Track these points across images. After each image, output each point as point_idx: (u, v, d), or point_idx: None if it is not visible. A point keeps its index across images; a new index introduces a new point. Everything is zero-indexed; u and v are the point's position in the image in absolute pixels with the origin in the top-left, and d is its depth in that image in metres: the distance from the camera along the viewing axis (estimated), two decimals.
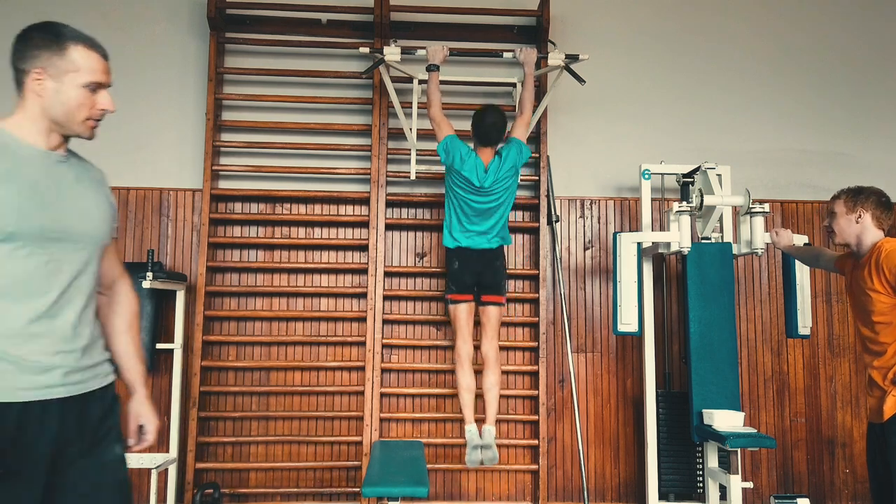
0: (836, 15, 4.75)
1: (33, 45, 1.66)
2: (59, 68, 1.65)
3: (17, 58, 1.65)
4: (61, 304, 1.63)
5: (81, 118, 1.68)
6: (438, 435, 4.27)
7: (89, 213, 1.71)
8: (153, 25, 4.48)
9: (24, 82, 1.64)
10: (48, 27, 1.70)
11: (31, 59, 1.64)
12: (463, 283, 3.67)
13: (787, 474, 4.37)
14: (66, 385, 1.63)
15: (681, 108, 4.60)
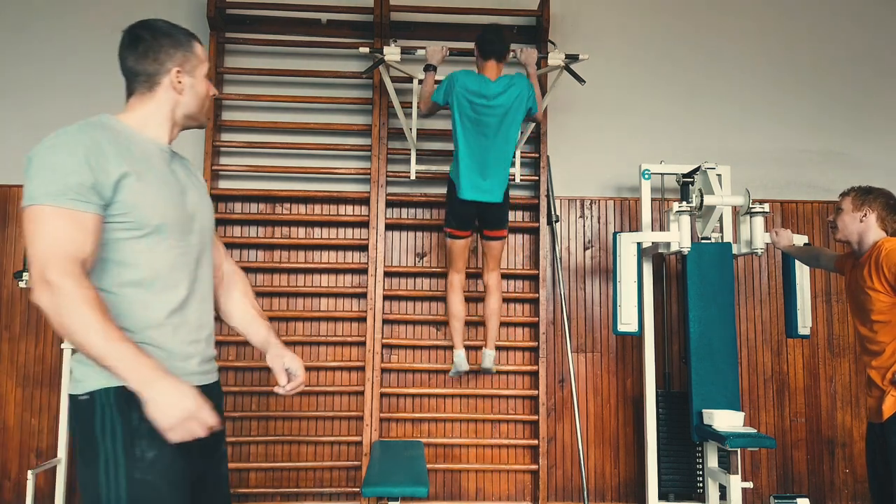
0: (836, 15, 4.75)
1: (167, 44, 1.68)
2: (192, 63, 1.71)
3: (149, 59, 1.66)
4: (191, 295, 1.67)
5: (207, 107, 1.78)
6: (438, 435, 4.27)
7: (204, 205, 1.76)
8: None
9: (159, 81, 1.67)
10: (166, 25, 1.71)
11: (168, 59, 1.67)
12: (464, 220, 3.69)
13: (787, 474, 4.37)
14: (199, 374, 1.67)
15: (681, 108, 4.60)
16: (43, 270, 1.43)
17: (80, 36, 4.42)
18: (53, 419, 4.11)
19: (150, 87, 1.68)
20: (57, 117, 4.38)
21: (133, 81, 1.69)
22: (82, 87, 4.39)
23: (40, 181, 1.47)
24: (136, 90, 1.69)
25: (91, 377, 1.53)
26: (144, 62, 1.66)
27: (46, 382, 4.17)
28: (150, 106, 1.69)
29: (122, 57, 1.69)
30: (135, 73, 1.67)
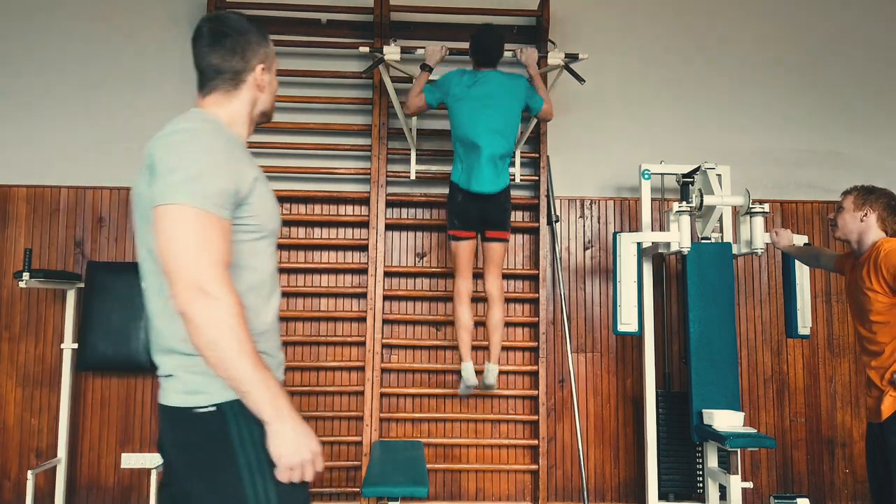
0: (836, 15, 4.75)
1: (253, 40, 1.66)
2: (271, 59, 1.72)
3: (238, 55, 1.64)
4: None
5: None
6: (438, 435, 4.27)
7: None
8: (153, 25, 4.47)
9: (245, 79, 1.65)
10: (245, 21, 1.69)
11: (255, 55, 1.66)
12: (467, 218, 3.58)
13: (787, 474, 4.37)
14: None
15: (681, 108, 4.60)
16: (199, 279, 1.34)
17: (80, 35, 4.41)
18: (53, 419, 4.11)
19: (236, 84, 1.65)
20: (57, 117, 4.40)
21: (215, 78, 1.64)
22: (82, 87, 4.39)
23: (181, 180, 1.38)
24: (217, 87, 1.64)
25: (216, 388, 1.43)
26: (232, 59, 1.63)
27: (46, 382, 4.17)
28: (235, 104, 1.65)
29: (202, 53, 1.65)
30: (219, 70, 1.63)
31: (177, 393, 1.46)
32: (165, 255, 1.37)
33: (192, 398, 1.44)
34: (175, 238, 1.36)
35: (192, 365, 1.44)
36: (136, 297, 3.92)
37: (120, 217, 4.31)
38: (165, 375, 1.49)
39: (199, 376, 1.44)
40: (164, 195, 1.38)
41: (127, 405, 4.19)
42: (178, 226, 1.36)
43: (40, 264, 4.21)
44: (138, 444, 4.16)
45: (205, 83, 1.67)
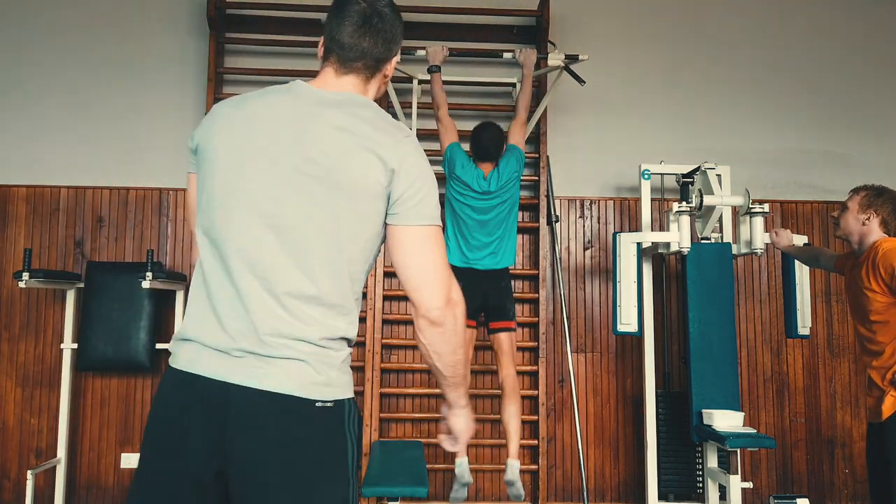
0: (836, 15, 4.75)
1: (400, 32, 1.64)
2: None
3: (392, 46, 1.61)
4: None
5: None
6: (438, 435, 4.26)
7: None
8: (153, 25, 4.47)
9: (383, 70, 1.60)
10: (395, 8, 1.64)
11: (398, 48, 1.64)
12: (468, 305, 3.54)
13: (787, 474, 4.37)
14: None
15: (680, 108, 4.60)
16: (451, 291, 1.48)
17: (80, 36, 4.41)
18: (53, 419, 4.11)
19: (374, 72, 1.58)
20: (57, 117, 4.40)
21: (357, 61, 1.54)
22: (82, 87, 4.39)
23: (436, 205, 1.46)
24: (355, 71, 1.55)
25: (343, 385, 1.40)
26: (387, 51, 1.59)
27: (46, 382, 4.17)
28: (371, 92, 1.58)
29: (351, 34, 1.55)
30: (364, 53, 1.54)
31: (301, 382, 1.33)
32: (425, 269, 1.45)
33: (320, 391, 1.34)
34: (435, 255, 1.46)
35: (327, 357, 1.37)
36: (135, 297, 3.95)
37: (120, 217, 4.31)
38: (290, 358, 1.33)
39: (335, 370, 1.38)
40: (427, 217, 1.43)
41: (127, 405, 4.19)
42: (436, 244, 1.46)
43: (40, 264, 4.21)
44: (138, 444, 4.15)
45: (342, 62, 1.59)
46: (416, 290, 1.44)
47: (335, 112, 1.43)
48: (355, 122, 1.41)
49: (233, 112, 1.46)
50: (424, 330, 1.45)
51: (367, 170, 1.37)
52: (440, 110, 3.68)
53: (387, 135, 1.41)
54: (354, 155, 1.37)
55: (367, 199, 1.38)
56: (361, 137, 1.39)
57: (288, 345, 1.34)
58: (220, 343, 1.34)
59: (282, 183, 1.37)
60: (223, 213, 1.40)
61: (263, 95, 1.49)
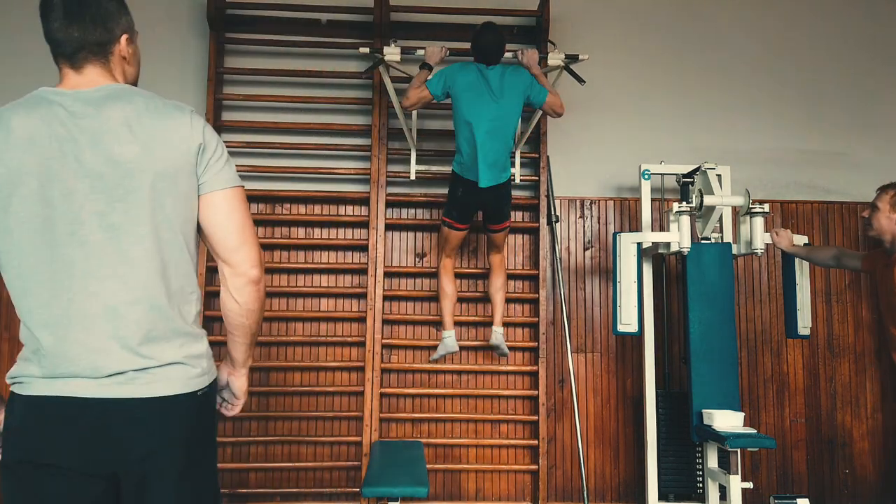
0: (836, 15, 4.75)
1: (116, 7, 1.58)
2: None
3: (109, 25, 1.53)
4: None
5: None
6: (438, 435, 4.27)
7: None
8: (153, 25, 4.47)
9: (114, 51, 1.56)
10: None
11: (117, 24, 1.57)
12: (466, 212, 3.70)
13: (787, 474, 4.37)
14: None
15: (681, 108, 4.60)
16: (261, 251, 1.55)
17: None
18: None
19: (107, 57, 1.55)
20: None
21: (78, 52, 1.50)
22: None
23: (232, 165, 1.60)
24: (87, 62, 1.52)
25: (212, 370, 1.52)
26: (93, 31, 1.53)
27: None
28: (119, 77, 1.59)
29: (58, 29, 1.47)
30: (81, 43, 1.50)
31: (181, 380, 1.42)
32: (236, 230, 1.49)
33: (199, 381, 1.45)
34: (244, 216, 1.51)
35: (196, 347, 1.47)
36: None
37: None
38: (165, 364, 1.41)
39: (204, 359, 1.48)
40: (231, 179, 1.51)
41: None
42: (242, 205, 1.51)
43: None
44: None
45: (71, 55, 1.50)
46: (237, 251, 1.49)
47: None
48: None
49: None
50: (242, 289, 1.50)
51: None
52: (405, 100, 3.64)
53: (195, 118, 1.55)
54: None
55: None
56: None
57: (160, 349, 1.47)
58: None
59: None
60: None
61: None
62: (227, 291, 1.52)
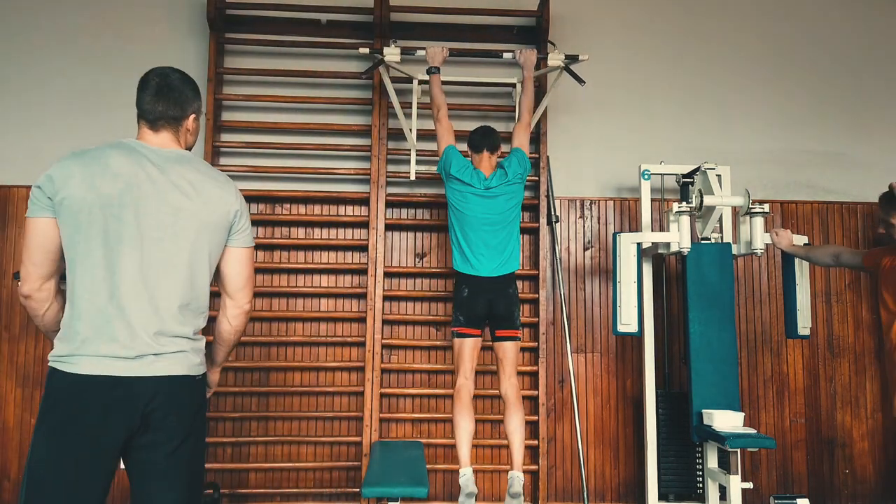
0: (836, 15, 4.75)
1: (193, 94, 2.18)
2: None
3: (185, 107, 2.12)
4: None
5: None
6: (438, 435, 4.27)
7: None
8: (153, 25, 4.48)
9: (184, 125, 2.13)
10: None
11: (191, 106, 2.15)
12: (473, 314, 3.44)
13: (787, 474, 4.37)
14: None
15: (681, 109, 4.60)
16: (252, 298, 2.14)
17: (80, 36, 4.42)
18: None
19: (178, 127, 2.09)
20: (57, 117, 4.39)
21: (158, 121, 2.07)
22: (82, 88, 4.39)
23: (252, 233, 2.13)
24: (163, 129, 2.07)
25: (203, 364, 2.01)
26: (173, 108, 2.10)
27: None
28: (182, 143, 2.12)
29: (149, 101, 2.08)
30: (161, 115, 2.07)
31: (190, 365, 1.92)
32: (244, 277, 2.07)
33: (197, 367, 1.96)
34: (249, 268, 2.08)
35: (197, 346, 1.96)
36: None
37: None
38: (175, 352, 1.89)
39: (201, 355, 1.99)
40: (250, 241, 2.07)
41: None
42: (249, 261, 2.08)
43: None
44: None
45: (150, 122, 2.05)
46: (240, 290, 2.07)
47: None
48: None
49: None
50: (237, 317, 2.09)
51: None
52: (440, 111, 3.67)
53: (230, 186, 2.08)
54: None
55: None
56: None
57: (169, 342, 1.94)
58: None
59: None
60: None
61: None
62: (224, 317, 2.09)
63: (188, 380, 1.91)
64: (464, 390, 3.42)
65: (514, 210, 3.58)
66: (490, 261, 3.48)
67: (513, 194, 3.57)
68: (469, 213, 3.51)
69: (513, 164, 3.58)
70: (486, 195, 3.51)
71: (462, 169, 3.53)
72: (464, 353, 3.46)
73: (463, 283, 3.51)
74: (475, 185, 3.51)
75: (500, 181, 3.54)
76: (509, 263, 3.51)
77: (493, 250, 3.49)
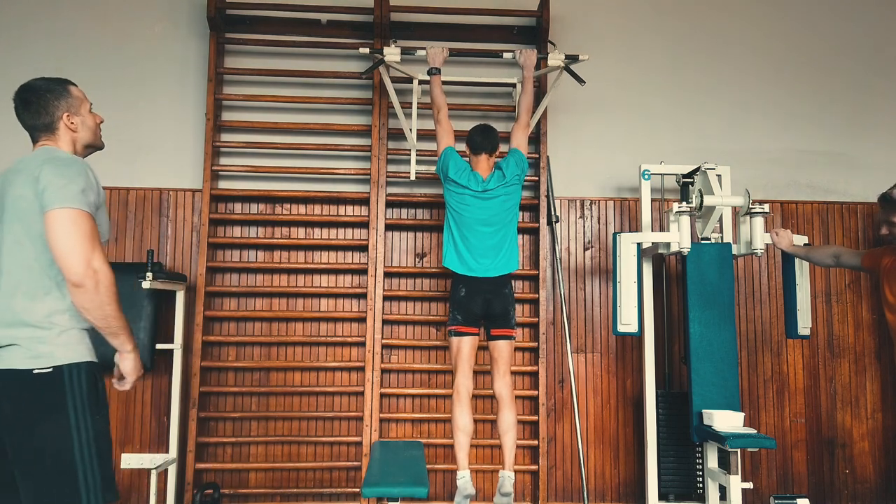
0: (836, 15, 4.75)
1: (51, 98, 2.21)
2: (76, 105, 2.29)
3: (42, 113, 2.20)
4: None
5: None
6: (438, 435, 4.27)
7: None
8: (153, 25, 4.48)
9: (57, 127, 2.25)
10: (46, 81, 2.28)
11: (57, 108, 2.21)
12: (470, 313, 3.47)
13: (787, 475, 4.37)
14: None
15: (681, 109, 4.60)
16: (90, 258, 1.90)
17: (80, 36, 4.41)
18: None
19: (53, 132, 2.21)
20: None
21: (35, 131, 2.24)
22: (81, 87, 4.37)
23: (74, 192, 2.02)
24: (41, 137, 2.24)
25: (56, 354, 1.92)
26: (39, 118, 2.18)
27: None
28: (61, 144, 2.21)
29: (20, 118, 2.23)
30: (34, 127, 2.22)
31: (20, 358, 1.88)
32: (63, 243, 1.88)
33: (33, 361, 1.89)
34: (71, 231, 1.89)
35: (39, 335, 1.91)
36: (135, 298, 3.94)
37: (119, 217, 4.31)
38: (4, 346, 1.89)
39: (43, 345, 1.91)
40: (59, 201, 1.92)
41: (127, 405, 4.19)
42: (72, 223, 1.90)
43: None
44: (138, 444, 4.16)
45: (32, 136, 2.23)
46: (60, 259, 1.90)
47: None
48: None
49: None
50: (73, 292, 1.91)
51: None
52: (440, 112, 3.68)
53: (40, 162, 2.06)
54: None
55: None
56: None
57: (5, 334, 1.94)
58: None
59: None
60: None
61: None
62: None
63: (22, 375, 1.90)
64: (463, 389, 3.46)
65: (512, 211, 3.59)
66: (488, 262, 3.50)
67: (510, 195, 3.58)
68: (466, 215, 3.53)
69: (510, 166, 3.58)
70: (484, 197, 3.53)
71: (459, 172, 3.54)
72: (462, 351, 3.49)
73: (460, 283, 3.53)
74: (472, 187, 3.52)
75: (498, 183, 3.54)
76: (507, 264, 3.53)
77: (490, 251, 3.51)
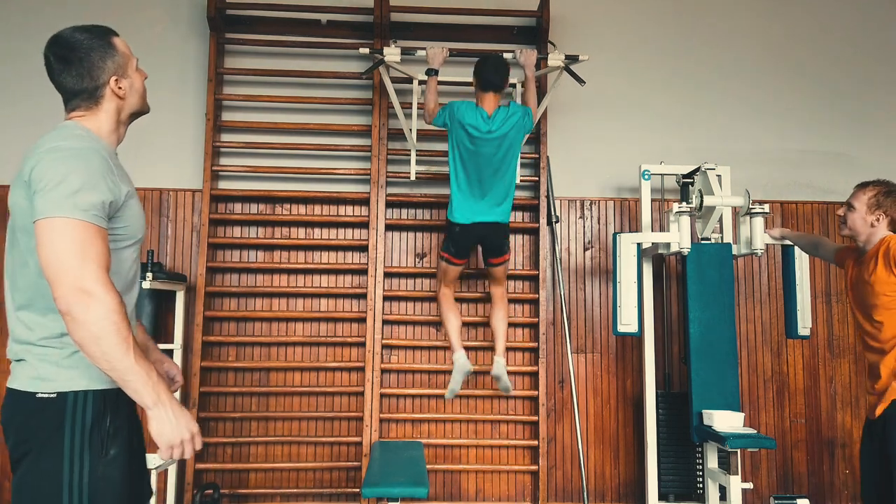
0: (836, 15, 4.75)
1: (96, 57, 1.81)
2: (124, 66, 1.86)
3: (86, 77, 1.78)
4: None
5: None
6: (438, 435, 4.27)
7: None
8: (153, 25, 4.48)
9: (102, 94, 1.79)
10: (86, 36, 1.90)
11: (104, 71, 1.80)
12: (463, 249, 3.71)
13: (787, 475, 4.37)
14: None
15: (680, 109, 4.60)
16: (82, 281, 1.46)
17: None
18: None
19: (96, 101, 1.77)
20: (56, 117, 4.38)
21: (73, 99, 1.76)
22: None
23: (63, 195, 1.52)
24: (79, 106, 1.76)
25: (62, 378, 1.58)
26: (82, 81, 1.74)
27: None
28: (101, 115, 1.77)
29: (56, 79, 1.77)
30: (74, 92, 1.76)
31: (26, 378, 1.59)
32: (48, 263, 1.47)
33: (34, 384, 1.58)
34: (58, 247, 1.47)
35: (47, 353, 1.58)
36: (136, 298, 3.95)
37: None
38: (17, 360, 1.61)
39: (48, 364, 1.58)
40: (45, 210, 1.49)
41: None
42: (60, 236, 1.47)
43: None
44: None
45: (66, 102, 1.77)
46: (49, 281, 1.49)
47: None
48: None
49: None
50: (64, 322, 1.49)
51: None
52: (430, 118, 3.75)
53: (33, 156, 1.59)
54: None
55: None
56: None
57: (17, 349, 1.62)
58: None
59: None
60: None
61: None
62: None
63: (26, 397, 1.59)
64: (448, 291, 3.84)
65: (513, 161, 3.67)
66: (490, 209, 3.63)
67: (512, 144, 3.60)
68: (471, 159, 3.58)
69: (517, 114, 3.62)
70: (488, 138, 3.56)
71: (464, 110, 3.57)
72: (448, 274, 3.81)
73: (455, 226, 3.67)
74: (479, 126, 3.55)
75: (501, 122, 3.57)
76: (505, 214, 3.69)
77: (493, 198, 3.63)
